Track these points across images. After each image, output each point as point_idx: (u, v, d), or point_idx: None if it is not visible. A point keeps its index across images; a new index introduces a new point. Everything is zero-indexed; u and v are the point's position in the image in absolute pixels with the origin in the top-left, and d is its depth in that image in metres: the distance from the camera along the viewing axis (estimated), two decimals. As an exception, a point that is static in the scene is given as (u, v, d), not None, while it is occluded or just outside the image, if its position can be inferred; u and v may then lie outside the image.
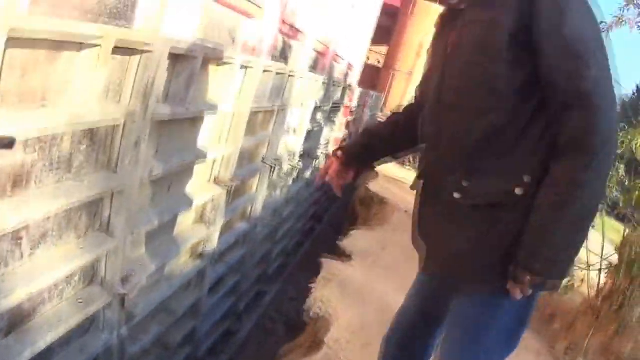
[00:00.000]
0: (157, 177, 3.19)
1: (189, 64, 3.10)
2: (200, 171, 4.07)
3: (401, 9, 37.74)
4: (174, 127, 3.30)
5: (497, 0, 1.89)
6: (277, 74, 5.11)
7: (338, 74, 24.13)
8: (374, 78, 38.29)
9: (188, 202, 3.87)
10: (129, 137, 2.65)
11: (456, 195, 2.02)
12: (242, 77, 4.16)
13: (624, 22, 8.25)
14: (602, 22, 8.71)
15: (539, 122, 1.90)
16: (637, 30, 8.22)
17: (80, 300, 2.89)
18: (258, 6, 11.12)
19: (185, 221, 4.17)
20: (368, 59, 38.69)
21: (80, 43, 2.23)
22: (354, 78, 29.81)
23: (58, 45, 2.14)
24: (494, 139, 1.94)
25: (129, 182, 2.81)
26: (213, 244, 4.57)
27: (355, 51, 27.22)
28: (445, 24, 2.18)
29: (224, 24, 9.88)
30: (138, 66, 2.61)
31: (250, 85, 4.22)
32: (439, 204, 2.12)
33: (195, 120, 3.62)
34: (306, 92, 6.77)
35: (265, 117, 5.32)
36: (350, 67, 27.14)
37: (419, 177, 2.26)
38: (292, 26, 14.71)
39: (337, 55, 22.14)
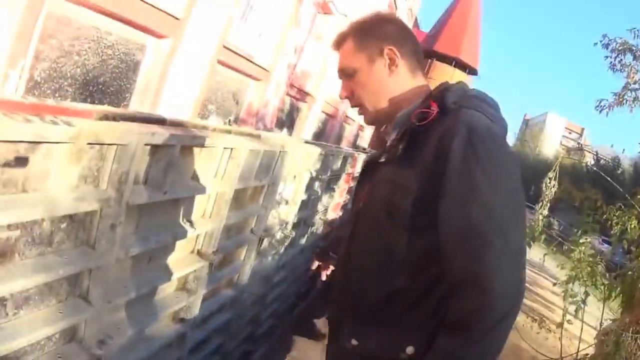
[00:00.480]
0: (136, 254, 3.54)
1: (167, 152, 3.37)
2: (182, 245, 4.33)
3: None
4: (153, 208, 3.58)
5: (410, 165, 1.90)
6: (266, 151, 5.32)
7: (347, 135, 24.41)
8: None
9: (168, 274, 4.12)
10: (105, 221, 2.95)
11: (347, 345, 2.08)
12: (226, 159, 4.39)
13: (624, 102, 8.55)
14: (603, 99, 9.00)
15: (436, 292, 1.91)
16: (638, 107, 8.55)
17: (59, 356, 3.16)
18: (265, 69, 11.54)
19: (166, 289, 4.43)
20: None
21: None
22: (365, 139, 30.14)
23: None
24: (390, 301, 1.98)
25: (106, 260, 3.09)
26: (195, 310, 4.79)
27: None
28: (366, 171, 2.29)
29: (229, 87, 10.36)
30: (114, 157, 2.90)
31: (234, 167, 4.45)
32: (337, 347, 2.21)
33: (175, 202, 3.90)
34: (301, 165, 7.01)
35: (255, 191, 5.56)
36: (361, 128, 27.46)
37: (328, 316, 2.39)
38: (300, 89, 15.13)
39: (347, 116, 22.50)
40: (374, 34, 2.14)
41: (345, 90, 2.21)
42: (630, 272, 6.80)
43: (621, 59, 8.75)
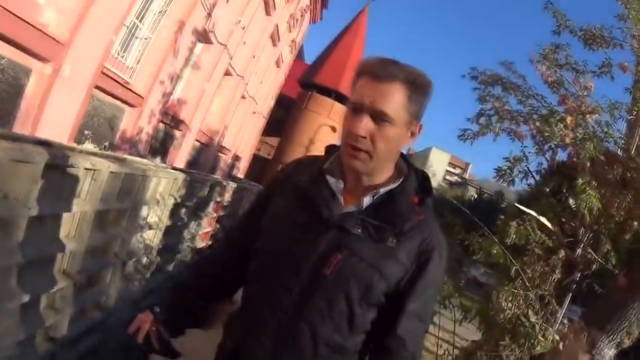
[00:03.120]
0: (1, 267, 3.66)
1: (30, 168, 3.53)
2: (50, 263, 4.46)
3: (296, 102, 38.88)
4: (16, 224, 3.72)
5: (397, 259, 2.03)
6: (128, 174, 5.50)
7: (222, 165, 24.37)
8: (263, 169, 38.92)
9: (36, 291, 4.22)
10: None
11: None
12: (89, 180, 4.56)
13: (489, 130, 8.78)
14: (467, 129, 9.02)
15: (363, 353, 2.16)
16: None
17: None
18: (140, 96, 11.59)
19: (35, 306, 4.48)
20: (259, 150, 39.42)
21: None
22: (241, 169, 30.07)
23: None
24: (328, 355, 2.08)
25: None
26: (62, 329, 4.88)
27: (244, 143, 27.66)
28: (327, 229, 2.09)
29: (105, 113, 10.37)
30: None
31: (95, 188, 4.64)
32: None
33: (40, 219, 4.03)
34: (164, 190, 7.16)
35: (118, 214, 5.72)
36: (236, 158, 27.42)
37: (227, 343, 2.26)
38: (175, 117, 15.19)
39: (222, 146, 22.48)
40: (422, 105, 2.09)
41: (366, 131, 2.00)
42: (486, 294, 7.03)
43: (490, 91, 8.89)
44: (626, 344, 5.92)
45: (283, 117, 39.35)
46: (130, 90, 10.99)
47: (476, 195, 78.53)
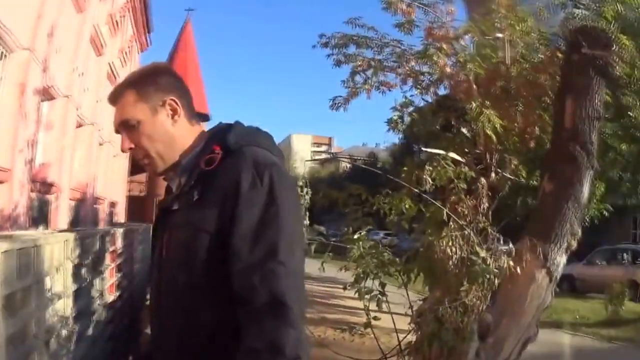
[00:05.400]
0: None
1: None
2: None
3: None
4: None
5: (205, 207, 2.00)
6: (20, 249, 5.11)
7: (102, 215, 23.76)
8: (141, 207, 38.03)
9: None
10: None
11: None
12: None
13: (359, 91, 8.19)
14: (336, 96, 8.60)
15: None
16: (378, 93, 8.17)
17: None
18: (6, 170, 10.98)
19: None
20: (130, 191, 38.56)
21: None
22: (120, 213, 29.55)
23: None
24: (209, 341, 1.99)
25: None
26: None
27: (115, 187, 27.10)
28: (161, 220, 2.27)
29: None
30: None
31: None
32: None
33: None
34: (60, 255, 6.74)
35: (24, 293, 5.28)
36: (113, 205, 26.90)
37: None
38: (43, 182, 14.61)
39: (97, 197, 21.95)
40: (155, 85, 2.19)
41: (128, 143, 2.18)
42: (422, 249, 6.85)
43: (345, 52, 8.31)
44: (574, 246, 5.98)
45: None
46: (-6, 166, 10.46)
47: (350, 165, 78.61)
